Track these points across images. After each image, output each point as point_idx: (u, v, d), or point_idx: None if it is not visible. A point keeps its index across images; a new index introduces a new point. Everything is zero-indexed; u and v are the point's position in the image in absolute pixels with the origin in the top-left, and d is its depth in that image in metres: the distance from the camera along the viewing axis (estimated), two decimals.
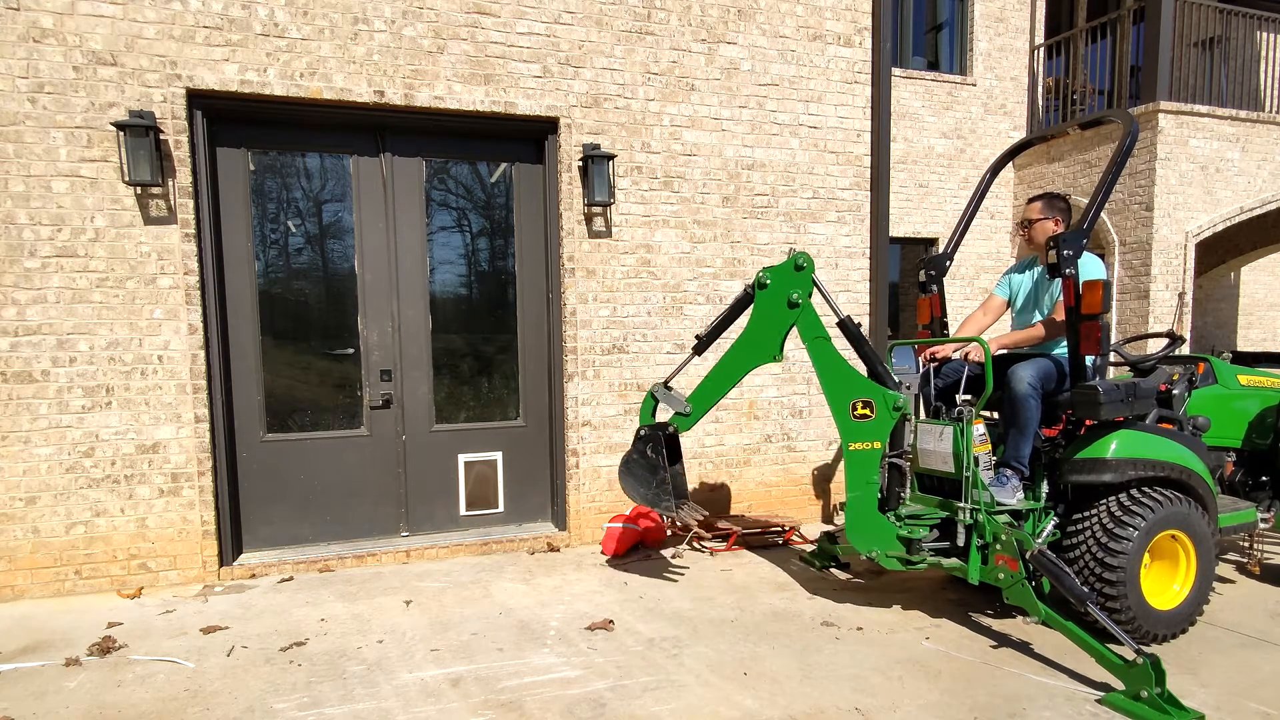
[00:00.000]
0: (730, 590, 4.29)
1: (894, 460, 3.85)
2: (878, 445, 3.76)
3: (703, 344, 4.26)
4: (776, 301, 3.94)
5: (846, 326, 3.94)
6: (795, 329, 3.94)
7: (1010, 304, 4.25)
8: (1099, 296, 3.40)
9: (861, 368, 3.93)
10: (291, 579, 4.58)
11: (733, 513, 5.57)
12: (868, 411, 3.76)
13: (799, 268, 3.88)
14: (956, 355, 4.10)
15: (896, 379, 3.91)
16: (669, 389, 4.21)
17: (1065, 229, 3.88)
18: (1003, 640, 3.57)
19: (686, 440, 5.42)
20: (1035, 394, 3.63)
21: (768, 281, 3.96)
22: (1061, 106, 10.35)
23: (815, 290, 3.93)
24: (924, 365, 4.06)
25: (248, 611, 4.02)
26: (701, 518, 4.27)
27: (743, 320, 4.17)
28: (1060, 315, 3.70)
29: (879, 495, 3.82)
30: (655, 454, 4.06)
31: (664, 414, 4.32)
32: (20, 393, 4.18)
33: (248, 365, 4.77)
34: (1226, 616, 3.86)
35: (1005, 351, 4.02)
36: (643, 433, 4.13)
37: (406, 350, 5.08)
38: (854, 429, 3.78)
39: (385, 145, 4.95)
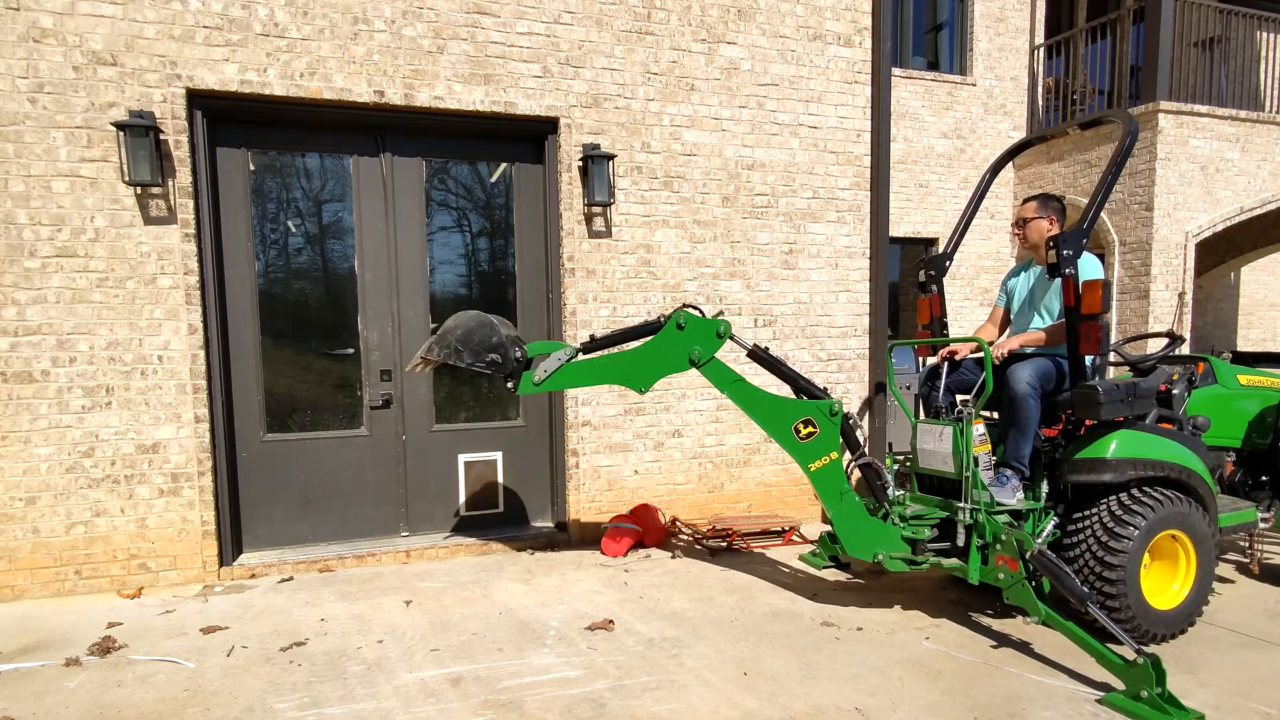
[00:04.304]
0: (730, 590, 4.29)
1: (863, 462, 3.86)
2: (834, 456, 3.80)
3: (593, 345, 3.96)
4: (680, 348, 3.84)
5: (757, 356, 3.95)
6: (705, 377, 3.90)
7: (1009, 309, 4.27)
8: (1098, 296, 3.40)
9: (785, 389, 3.95)
10: (291, 579, 4.58)
11: (733, 513, 5.57)
12: (812, 429, 3.78)
13: (719, 335, 3.84)
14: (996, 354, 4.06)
15: (823, 388, 3.93)
16: (559, 361, 3.83)
17: (1060, 229, 3.89)
18: (1003, 640, 3.57)
19: (686, 440, 5.43)
20: (1035, 394, 3.63)
21: (684, 325, 3.84)
22: (1061, 106, 10.35)
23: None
24: (938, 362, 4.04)
25: (248, 611, 4.02)
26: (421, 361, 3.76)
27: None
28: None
29: (864, 501, 3.82)
30: (497, 349, 3.68)
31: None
32: (20, 393, 4.18)
33: (248, 365, 4.77)
34: (1226, 616, 3.86)
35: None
36: (521, 347, 3.82)
37: (406, 350, 5.07)
38: (805, 449, 3.79)
39: (385, 145, 4.95)
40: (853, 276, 5.78)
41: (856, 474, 3.92)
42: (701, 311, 3.91)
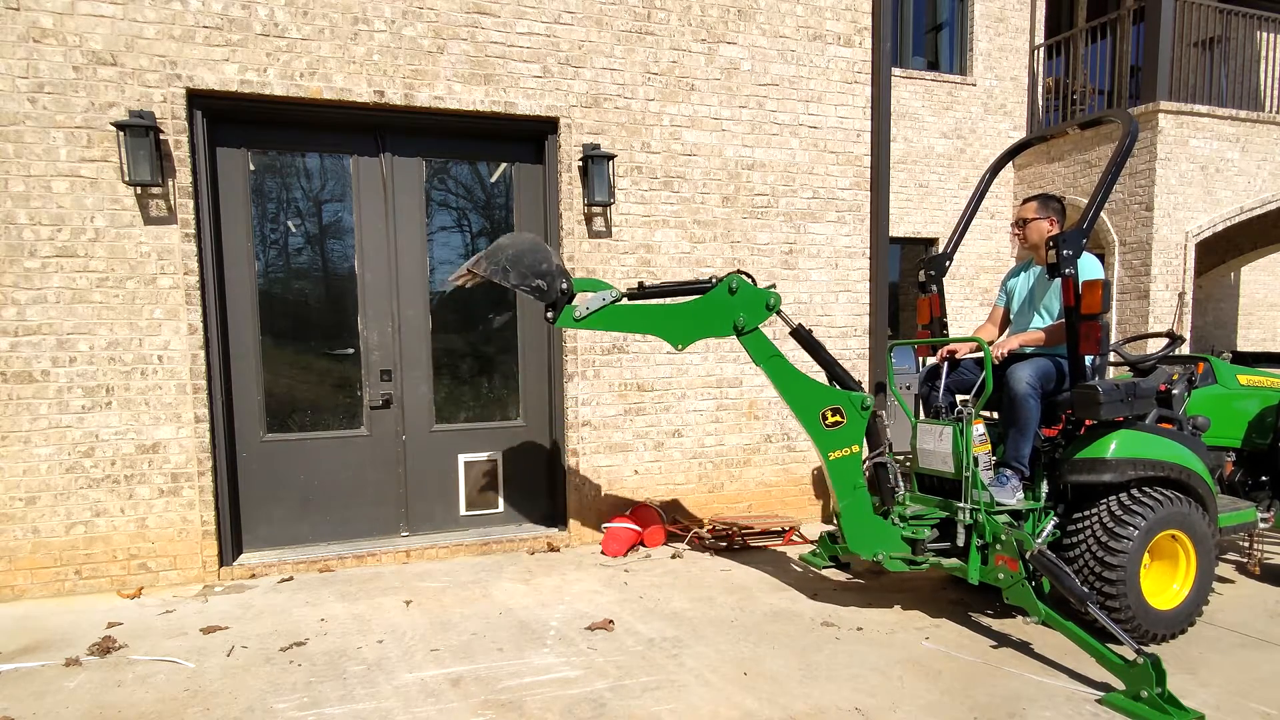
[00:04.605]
0: (730, 590, 4.29)
1: (878, 460, 3.85)
2: (855, 449, 3.78)
3: (641, 291, 3.85)
4: (727, 313, 3.79)
5: (800, 335, 3.91)
6: (744, 347, 3.85)
7: (1008, 310, 4.27)
8: (1098, 296, 3.40)
9: (820, 375, 3.92)
10: (291, 579, 4.58)
11: (733, 513, 5.57)
12: (839, 418, 3.76)
13: (769, 307, 3.79)
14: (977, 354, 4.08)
15: (858, 381, 3.91)
16: (603, 300, 3.74)
17: (1060, 229, 3.88)
18: (1003, 640, 3.57)
19: (686, 441, 5.43)
20: (1034, 394, 3.63)
21: (735, 290, 3.78)
22: (1061, 106, 10.35)
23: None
24: (938, 362, 4.05)
25: (247, 611, 4.02)
26: None
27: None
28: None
29: (872, 498, 3.81)
30: (544, 276, 3.57)
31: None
32: (20, 393, 4.18)
33: (248, 365, 4.77)
34: (1226, 616, 3.86)
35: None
36: (568, 279, 3.68)
37: (406, 350, 5.08)
38: (829, 437, 3.76)
39: (385, 145, 4.95)
40: (853, 276, 5.78)
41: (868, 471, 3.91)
42: (753, 279, 3.85)
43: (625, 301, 3.81)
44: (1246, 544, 4.83)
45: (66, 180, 4.18)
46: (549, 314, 3.70)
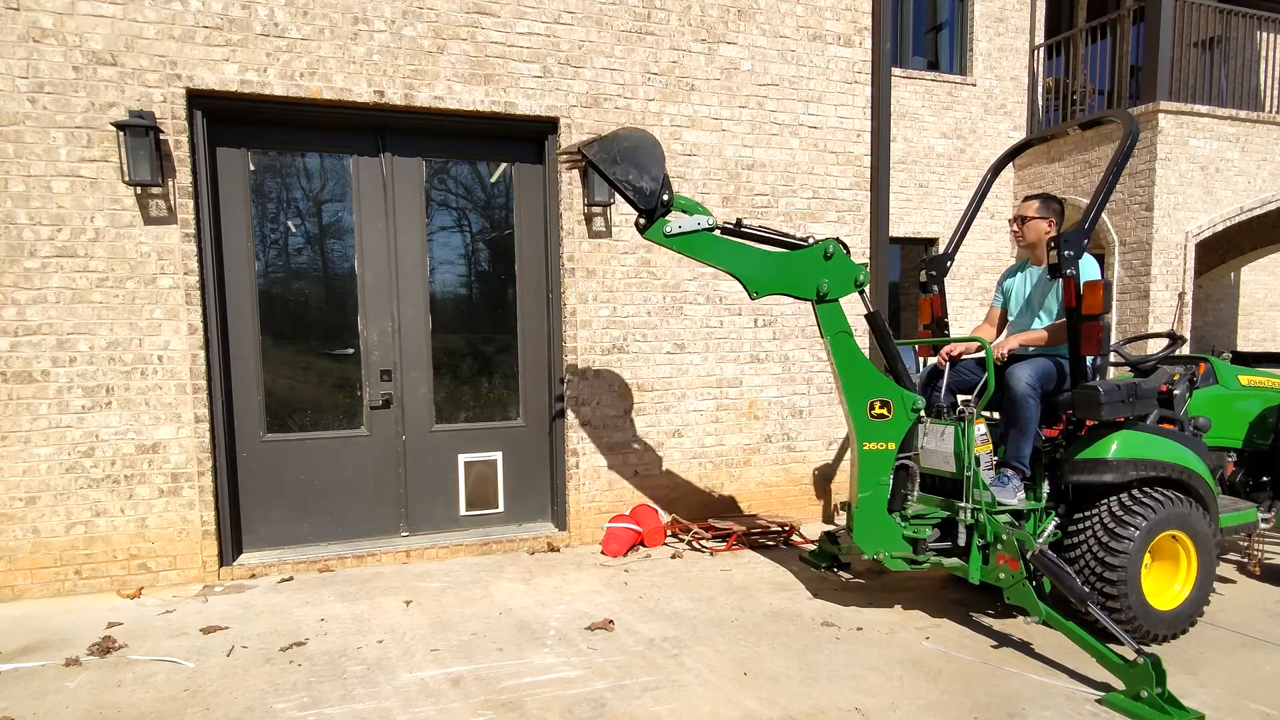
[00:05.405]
0: (730, 590, 4.29)
1: (904, 461, 3.84)
2: (891, 446, 3.72)
3: (736, 229, 3.76)
4: (814, 275, 3.68)
5: (874, 321, 3.83)
6: (817, 315, 3.78)
7: (1005, 310, 4.27)
8: (1099, 297, 3.40)
9: (880, 364, 3.88)
10: (291, 579, 4.58)
11: (733, 513, 5.56)
12: (885, 411, 3.70)
13: (856, 283, 3.73)
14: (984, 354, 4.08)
15: (915, 382, 3.87)
16: (697, 224, 3.69)
17: (1057, 232, 3.88)
18: (1003, 640, 3.57)
19: (685, 441, 5.43)
20: (1035, 394, 3.63)
21: (830, 255, 3.69)
22: (1061, 106, 10.35)
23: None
24: (940, 363, 4.04)
25: (248, 611, 4.02)
26: None
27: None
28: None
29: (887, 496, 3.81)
30: (651, 180, 3.56)
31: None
32: (20, 393, 4.18)
33: (248, 365, 4.77)
34: (1226, 616, 3.86)
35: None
36: (670, 192, 3.65)
37: (406, 350, 5.07)
38: (870, 428, 3.71)
39: (385, 145, 4.95)
40: None
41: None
42: (849, 250, 3.78)
43: (718, 233, 3.73)
44: (1247, 544, 4.83)
45: (66, 180, 4.18)
46: (640, 221, 3.64)
